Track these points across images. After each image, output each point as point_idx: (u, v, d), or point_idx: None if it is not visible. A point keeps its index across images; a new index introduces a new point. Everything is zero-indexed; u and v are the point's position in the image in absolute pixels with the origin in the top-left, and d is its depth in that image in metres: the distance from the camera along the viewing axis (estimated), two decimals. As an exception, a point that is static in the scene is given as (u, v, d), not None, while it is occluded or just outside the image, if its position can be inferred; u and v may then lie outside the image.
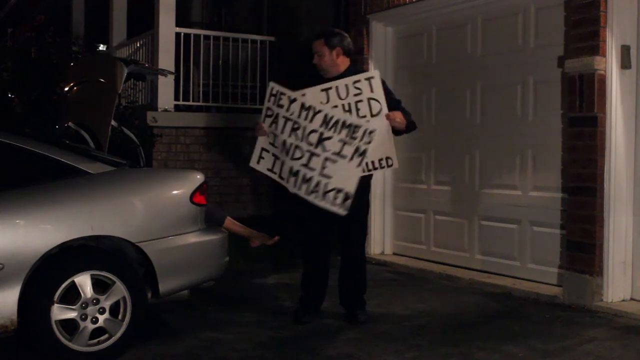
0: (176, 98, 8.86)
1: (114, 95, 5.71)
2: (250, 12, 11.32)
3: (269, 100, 4.83)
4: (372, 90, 4.67)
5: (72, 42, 9.32)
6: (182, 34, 8.94)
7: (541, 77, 5.95)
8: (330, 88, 4.69)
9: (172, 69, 8.18)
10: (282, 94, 4.78)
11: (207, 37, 9.29)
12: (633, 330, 4.74)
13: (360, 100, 4.66)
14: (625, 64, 5.21)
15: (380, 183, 7.45)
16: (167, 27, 8.71)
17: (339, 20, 8.85)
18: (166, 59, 8.57)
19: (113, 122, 5.61)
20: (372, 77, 4.72)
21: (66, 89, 6.18)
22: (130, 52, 9.81)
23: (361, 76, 4.74)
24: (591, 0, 5.21)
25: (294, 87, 4.84)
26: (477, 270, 6.49)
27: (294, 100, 4.73)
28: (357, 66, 5.04)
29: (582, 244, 5.32)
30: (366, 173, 4.71)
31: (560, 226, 5.74)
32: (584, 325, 4.88)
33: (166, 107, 8.65)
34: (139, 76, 6.79)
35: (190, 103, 9.17)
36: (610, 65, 5.21)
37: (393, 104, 4.81)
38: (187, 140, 8.73)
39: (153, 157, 8.38)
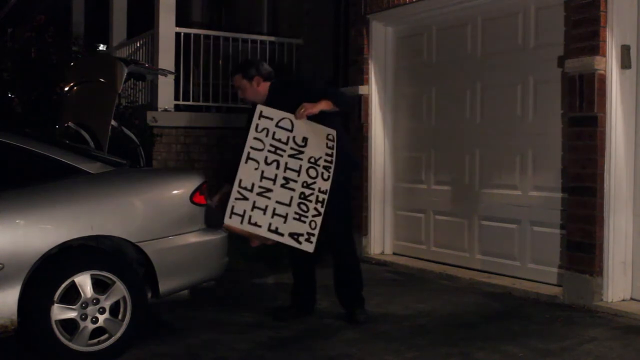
0: (176, 98, 8.86)
1: (114, 95, 5.71)
2: (250, 12, 11.31)
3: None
4: (271, 119, 4.71)
5: (72, 42, 9.32)
6: (182, 34, 8.94)
7: (541, 77, 5.95)
8: (249, 153, 4.65)
9: (172, 69, 8.18)
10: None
11: (207, 37, 9.29)
12: (633, 330, 4.74)
13: (274, 132, 4.69)
14: (625, 64, 5.21)
15: (381, 183, 7.46)
16: (167, 27, 8.71)
17: (339, 20, 8.84)
18: (166, 58, 8.57)
19: (113, 122, 5.61)
20: (261, 112, 4.72)
21: (66, 89, 6.18)
22: (130, 52, 9.81)
23: (255, 120, 4.70)
24: (591, 0, 5.21)
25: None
26: (477, 270, 6.49)
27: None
28: (279, 82, 5.03)
29: (582, 244, 5.32)
30: (330, 164, 4.69)
31: (560, 226, 5.74)
32: (584, 325, 4.88)
33: (166, 107, 8.65)
34: (139, 76, 6.79)
35: (191, 103, 9.16)
36: (610, 65, 5.21)
37: (318, 95, 4.78)
38: (187, 140, 8.73)
39: (153, 157, 8.38)
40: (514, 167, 6.21)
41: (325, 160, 4.72)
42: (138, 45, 9.59)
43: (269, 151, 4.66)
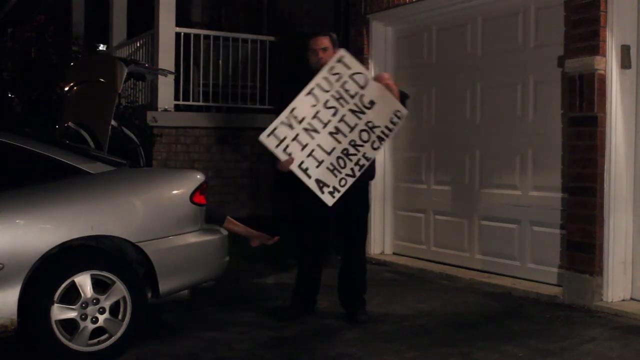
0: (176, 98, 8.87)
1: (114, 95, 5.71)
2: (250, 12, 11.32)
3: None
4: (349, 67, 4.73)
5: (72, 42, 9.32)
6: (182, 34, 8.94)
7: (541, 77, 5.95)
8: (313, 88, 4.69)
9: (172, 69, 8.18)
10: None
11: (207, 37, 9.29)
12: (633, 330, 4.74)
13: (345, 82, 4.71)
14: (625, 63, 5.21)
15: (380, 183, 7.45)
16: (167, 27, 8.71)
17: (339, 20, 8.84)
18: (166, 58, 8.57)
19: (113, 122, 5.61)
20: (342, 56, 4.75)
21: (66, 89, 6.18)
22: (130, 52, 9.81)
23: (333, 62, 4.74)
24: (591, 0, 5.21)
25: (291, 91, 4.84)
26: (477, 270, 6.49)
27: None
28: None
29: (582, 243, 5.32)
30: (388, 138, 4.76)
31: (560, 226, 5.74)
32: (584, 325, 4.88)
33: (166, 107, 8.65)
34: (139, 76, 6.79)
35: (190, 103, 9.17)
36: (610, 65, 5.21)
37: None
38: (187, 140, 8.73)
39: (153, 157, 8.38)
40: (514, 167, 6.21)
41: (382, 132, 4.75)
42: (138, 45, 9.59)
43: (332, 96, 4.68)
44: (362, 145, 4.71)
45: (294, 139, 4.63)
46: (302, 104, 4.66)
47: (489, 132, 6.45)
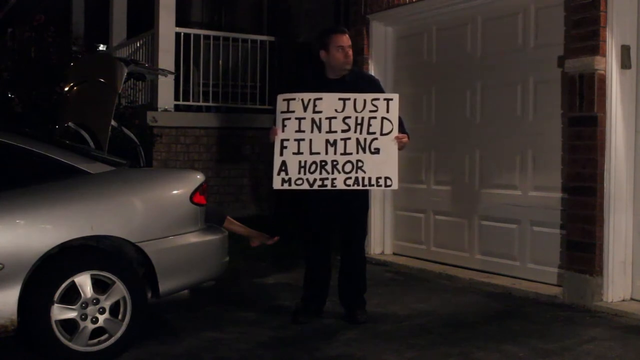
0: (176, 98, 8.87)
1: (114, 95, 5.71)
2: (250, 12, 11.32)
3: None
4: (387, 111, 4.77)
5: (72, 42, 9.32)
6: (182, 34, 8.95)
7: (541, 77, 5.95)
8: (348, 99, 4.75)
9: (172, 69, 8.19)
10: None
11: (207, 37, 9.30)
12: (633, 330, 4.74)
13: (374, 117, 4.75)
14: (625, 63, 5.21)
15: (380, 183, 7.45)
16: (167, 27, 8.72)
17: (339, 20, 8.85)
18: (166, 58, 8.58)
19: (113, 122, 5.62)
20: (391, 99, 4.80)
21: (66, 89, 6.18)
22: (130, 52, 9.81)
23: (381, 95, 4.84)
24: (591, 0, 5.21)
25: (298, 89, 4.85)
26: (477, 270, 6.49)
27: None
28: (355, 65, 5.05)
29: (582, 243, 5.32)
30: (360, 188, 4.77)
31: (560, 226, 5.74)
32: (584, 325, 4.88)
33: (166, 107, 8.66)
34: (139, 76, 6.79)
35: (190, 103, 9.18)
36: (610, 65, 5.21)
37: (400, 125, 4.87)
38: (187, 140, 8.74)
39: (153, 157, 8.39)
40: (514, 167, 6.21)
41: (362, 179, 4.75)
42: (138, 45, 9.60)
43: (355, 117, 4.73)
44: (339, 172, 4.73)
45: (298, 119, 4.70)
46: (329, 100, 4.74)
47: (489, 132, 6.45)
